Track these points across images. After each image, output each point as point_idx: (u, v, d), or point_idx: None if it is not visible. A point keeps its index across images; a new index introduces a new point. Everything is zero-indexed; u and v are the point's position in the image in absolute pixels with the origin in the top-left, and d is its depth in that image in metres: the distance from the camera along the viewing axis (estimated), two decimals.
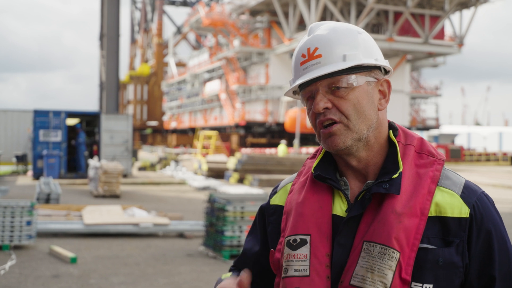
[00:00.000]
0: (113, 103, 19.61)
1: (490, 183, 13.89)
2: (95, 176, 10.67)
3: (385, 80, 0.90)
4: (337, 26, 0.89)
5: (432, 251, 0.83)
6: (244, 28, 31.29)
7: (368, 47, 0.89)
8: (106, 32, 19.96)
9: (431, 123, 34.49)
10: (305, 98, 0.90)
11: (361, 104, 0.87)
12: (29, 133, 16.26)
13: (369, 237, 0.84)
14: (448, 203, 0.85)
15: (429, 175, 0.87)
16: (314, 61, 0.87)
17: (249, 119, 30.16)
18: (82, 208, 7.25)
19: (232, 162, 15.09)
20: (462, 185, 0.87)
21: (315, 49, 0.87)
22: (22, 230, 5.42)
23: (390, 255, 0.82)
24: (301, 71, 0.89)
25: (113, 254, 5.36)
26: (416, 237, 0.83)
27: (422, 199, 0.85)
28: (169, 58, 47.78)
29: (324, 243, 0.87)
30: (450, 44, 29.48)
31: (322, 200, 0.89)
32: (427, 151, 0.90)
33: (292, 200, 0.93)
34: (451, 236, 0.84)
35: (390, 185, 0.85)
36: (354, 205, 0.87)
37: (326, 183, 0.90)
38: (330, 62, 0.86)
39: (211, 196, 5.53)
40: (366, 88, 0.88)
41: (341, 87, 0.87)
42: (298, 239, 0.88)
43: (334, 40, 0.87)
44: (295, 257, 0.87)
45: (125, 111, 46.63)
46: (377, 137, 0.89)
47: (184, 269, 4.86)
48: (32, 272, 4.61)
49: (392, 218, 0.83)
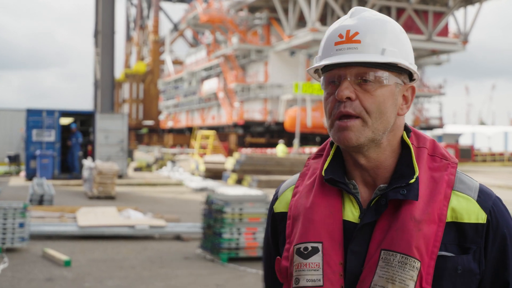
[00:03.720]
0: (108, 102, 19.48)
1: (496, 184, 13.90)
2: (89, 177, 10.60)
3: (411, 86, 0.88)
4: (383, 18, 0.87)
5: (451, 259, 0.82)
6: (242, 25, 31.19)
7: (406, 49, 0.87)
8: (101, 29, 19.80)
9: (434, 122, 34.44)
10: (327, 81, 0.86)
11: (385, 104, 0.84)
12: (22, 132, 16.15)
13: (387, 245, 0.81)
14: (465, 208, 0.83)
15: (444, 179, 0.84)
16: (351, 45, 0.83)
17: (247, 119, 30.08)
18: (76, 209, 7.21)
19: (230, 162, 15.04)
20: (477, 190, 0.85)
21: (355, 33, 0.83)
22: (14, 233, 5.37)
23: (412, 264, 0.80)
24: (333, 51, 0.84)
25: (108, 257, 5.32)
26: (435, 245, 0.81)
27: (439, 204, 0.83)
28: (166, 56, 47.64)
29: (336, 251, 0.84)
30: (454, 41, 29.43)
31: (333, 205, 0.86)
32: (440, 154, 0.88)
33: (299, 204, 0.89)
34: (468, 242, 0.83)
35: (408, 191, 0.82)
36: (368, 211, 0.84)
37: (337, 187, 0.87)
38: (367, 51, 0.83)
39: (208, 198, 5.48)
40: (394, 90, 0.85)
41: (370, 80, 0.83)
42: (310, 247, 0.85)
43: (378, 30, 0.84)
44: (306, 266, 0.84)
45: (120, 110, 46.45)
46: (390, 140, 0.86)
47: (181, 272, 4.83)
48: (25, 275, 4.56)
49: (412, 226, 0.81)
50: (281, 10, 28.86)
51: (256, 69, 31.72)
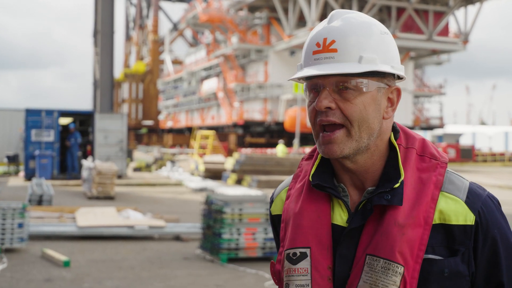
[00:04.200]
0: (107, 102, 19.44)
1: (496, 185, 13.88)
2: (88, 177, 10.58)
3: (396, 88, 0.87)
4: (361, 21, 0.84)
5: (437, 262, 0.82)
6: (242, 25, 31.16)
7: (387, 51, 0.85)
8: (100, 29, 19.77)
9: (435, 122, 34.29)
10: (309, 88, 0.86)
11: (367, 111, 0.83)
12: (21, 132, 16.12)
13: (372, 250, 0.82)
14: (453, 210, 0.83)
15: (432, 180, 0.84)
16: (327, 55, 0.83)
17: (247, 118, 30.05)
18: (75, 210, 7.20)
19: (230, 162, 15.01)
20: (467, 190, 0.85)
21: (332, 41, 0.83)
22: (13, 233, 5.37)
23: (394, 270, 0.80)
24: (311, 61, 0.84)
25: (107, 258, 5.31)
26: (420, 248, 0.81)
27: (425, 207, 0.82)
28: (165, 56, 47.60)
29: (324, 255, 0.85)
30: (455, 41, 29.34)
31: (321, 210, 0.87)
32: (429, 154, 0.87)
33: (289, 208, 0.90)
34: (456, 244, 0.83)
35: (392, 196, 0.82)
36: (355, 216, 0.85)
37: (325, 192, 0.87)
38: (344, 60, 0.82)
39: (208, 198, 5.48)
40: (375, 95, 0.84)
41: (350, 88, 0.83)
42: (298, 252, 0.86)
43: (354, 37, 0.82)
44: (295, 271, 0.86)
45: (119, 110, 46.42)
46: (378, 145, 0.86)
47: (181, 273, 4.82)
48: (24, 276, 4.56)
49: (395, 231, 0.81)
50: (281, 9, 28.83)
51: (256, 69, 31.69)
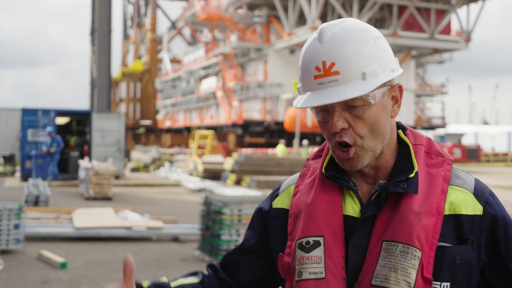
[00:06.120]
0: (104, 101, 19.40)
1: (499, 185, 13.86)
2: (86, 177, 10.54)
3: (398, 85, 0.90)
4: (352, 33, 0.85)
5: (449, 249, 0.85)
6: (241, 23, 31.12)
7: (384, 56, 0.86)
8: (98, 27, 19.72)
9: (437, 122, 34.31)
10: (316, 109, 0.88)
11: (378, 121, 0.87)
12: (17, 132, 16.06)
13: (388, 236, 0.85)
14: (462, 200, 0.87)
15: (440, 174, 0.88)
16: (330, 78, 0.84)
17: (246, 118, 30.01)
18: (72, 210, 7.16)
19: (229, 162, 14.94)
20: (473, 183, 0.90)
21: (331, 64, 0.84)
22: (9, 234, 5.34)
23: (413, 253, 0.83)
24: (315, 85, 0.86)
25: (104, 259, 5.27)
26: (434, 236, 0.85)
27: (437, 198, 0.86)
28: (163, 54, 47.57)
29: (337, 245, 0.87)
30: (457, 40, 29.34)
31: (333, 201, 0.90)
32: (435, 151, 0.91)
33: (300, 202, 0.92)
34: (466, 233, 0.86)
35: (408, 185, 0.86)
36: (369, 205, 0.88)
37: (337, 183, 0.90)
38: (348, 81, 0.84)
39: (207, 199, 5.45)
40: (382, 101, 0.87)
41: (358, 106, 0.85)
42: (311, 241, 0.88)
43: (352, 53, 0.84)
44: (309, 259, 0.87)
45: (117, 110, 46.39)
46: (390, 144, 0.90)
47: (179, 274, 4.69)
48: (20, 277, 4.52)
49: (412, 217, 0.84)
50: (280, 7, 28.79)
51: (255, 67, 31.64)
